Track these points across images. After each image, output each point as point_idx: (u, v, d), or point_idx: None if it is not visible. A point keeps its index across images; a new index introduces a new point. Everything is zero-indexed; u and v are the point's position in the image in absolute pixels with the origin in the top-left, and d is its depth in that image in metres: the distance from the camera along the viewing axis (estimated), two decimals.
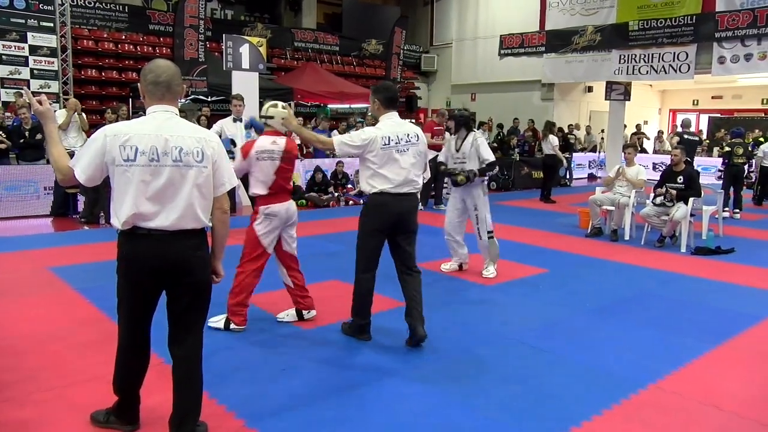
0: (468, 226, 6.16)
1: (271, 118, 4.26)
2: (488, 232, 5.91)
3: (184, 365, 2.73)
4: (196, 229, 2.60)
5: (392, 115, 4.12)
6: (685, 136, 9.89)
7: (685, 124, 10.46)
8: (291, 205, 4.36)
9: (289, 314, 4.53)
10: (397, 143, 4.00)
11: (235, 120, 7.75)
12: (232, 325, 4.25)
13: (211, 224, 2.71)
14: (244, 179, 4.74)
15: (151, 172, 2.48)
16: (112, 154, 2.47)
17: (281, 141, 4.25)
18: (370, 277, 4.12)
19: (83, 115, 9.54)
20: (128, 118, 10.64)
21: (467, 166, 5.76)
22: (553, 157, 12.08)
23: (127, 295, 2.63)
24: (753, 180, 12.51)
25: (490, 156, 5.78)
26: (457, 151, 5.89)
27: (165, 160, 2.49)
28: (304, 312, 4.51)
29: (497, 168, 5.69)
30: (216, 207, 2.68)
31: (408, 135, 4.06)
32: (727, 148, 11.16)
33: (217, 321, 4.25)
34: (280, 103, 4.36)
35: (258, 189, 4.23)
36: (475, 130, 6.32)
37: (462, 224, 6.12)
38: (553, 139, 12.16)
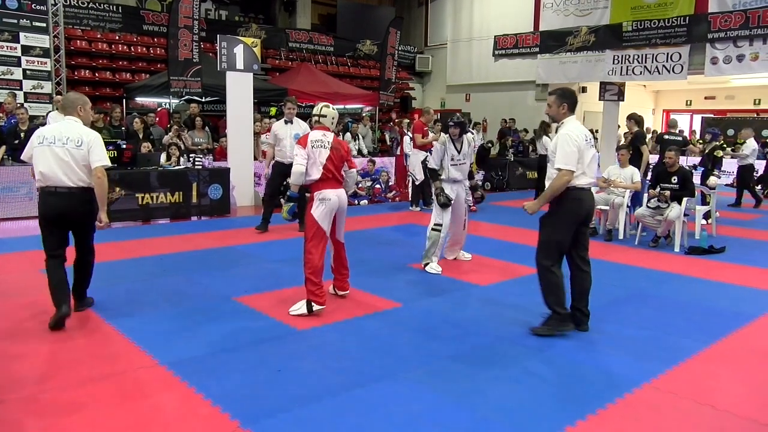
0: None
1: (324, 117, 4.88)
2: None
3: (79, 257, 4.52)
4: (83, 187, 4.29)
5: (573, 119, 4.36)
6: (665, 136, 9.87)
7: (671, 124, 10.46)
8: (342, 193, 4.82)
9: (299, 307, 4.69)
10: (586, 141, 4.25)
11: (286, 122, 8.03)
12: (315, 307, 4.59)
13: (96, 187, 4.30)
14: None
15: (51, 150, 4.21)
16: (34, 143, 4.29)
17: (330, 135, 4.82)
18: (558, 268, 4.35)
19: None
20: (122, 119, 10.68)
21: (466, 166, 6.32)
22: (544, 157, 12.11)
23: (45, 230, 4.31)
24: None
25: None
26: (459, 152, 6.22)
27: (59, 143, 4.23)
28: (339, 291, 5.10)
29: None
30: (94, 174, 4.27)
31: (586, 136, 4.29)
32: (718, 152, 11.17)
33: (298, 309, 4.63)
34: (331, 105, 5.02)
35: (313, 174, 4.71)
36: (470, 130, 6.75)
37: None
38: (547, 141, 12.19)
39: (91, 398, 3.17)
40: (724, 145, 12.29)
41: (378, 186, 11.67)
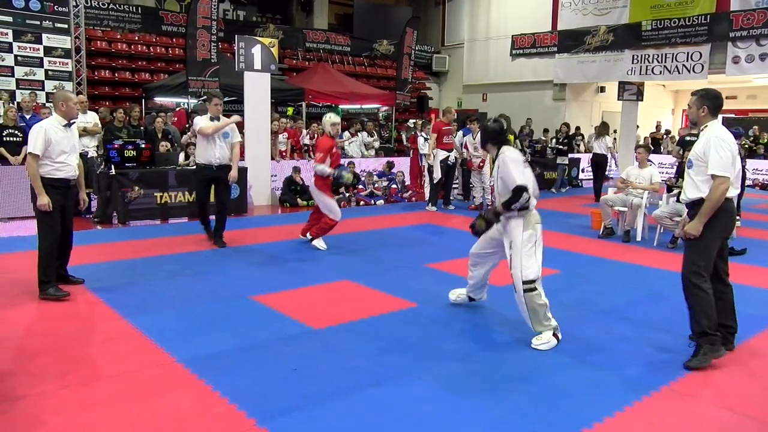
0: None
1: None
2: (524, 283, 4.20)
3: (68, 232, 5.22)
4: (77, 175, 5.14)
5: (718, 123, 4.00)
6: (686, 138, 9.90)
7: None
8: None
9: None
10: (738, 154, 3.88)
11: (212, 119, 6.99)
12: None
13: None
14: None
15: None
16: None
17: None
18: (710, 286, 3.93)
19: (94, 115, 9.65)
20: (140, 119, 10.79)
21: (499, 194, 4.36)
22: (604, 156, 12.18)
23: (53, 214, 4.94)
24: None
25: (518, 179, 4.10)
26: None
27: None
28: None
29: (527, 196, 4.09)
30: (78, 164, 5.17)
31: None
32: None
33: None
34: None
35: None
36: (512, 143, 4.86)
37: (489, 258, 4.76)
38: (608, 140, 12.28)
39: (109, 394, 3.21)
40: (746, 145, 12.13)
41: (394, 186, 11.67)
